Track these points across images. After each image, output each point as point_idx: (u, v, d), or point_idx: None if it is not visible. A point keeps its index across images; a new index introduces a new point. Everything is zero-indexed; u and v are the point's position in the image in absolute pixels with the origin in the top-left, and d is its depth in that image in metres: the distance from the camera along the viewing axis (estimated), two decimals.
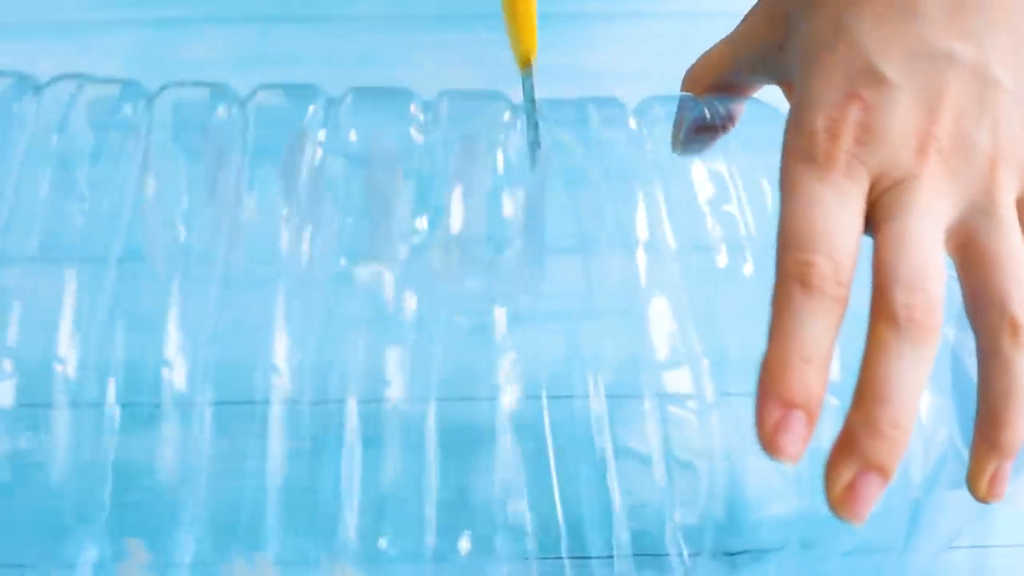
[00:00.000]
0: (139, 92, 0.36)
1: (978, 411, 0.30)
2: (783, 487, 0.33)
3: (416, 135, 0.35)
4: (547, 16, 0.44)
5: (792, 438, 0.28)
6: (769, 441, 0.28)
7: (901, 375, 0.28)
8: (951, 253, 0.30)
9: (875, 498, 0.28)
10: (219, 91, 0.36)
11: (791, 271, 0.29)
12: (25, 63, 0.40)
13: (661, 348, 0.32)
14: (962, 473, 0.31)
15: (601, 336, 0.33)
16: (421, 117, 0.35)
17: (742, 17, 0.37)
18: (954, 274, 0.31)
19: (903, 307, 0.28)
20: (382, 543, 0.32)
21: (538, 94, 0.39)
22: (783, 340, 0.28)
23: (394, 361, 0.32)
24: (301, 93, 0.36)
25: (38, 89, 0.35)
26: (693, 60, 0.39)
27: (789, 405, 0.28)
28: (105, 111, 0.35)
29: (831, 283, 0.28)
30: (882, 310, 0.28)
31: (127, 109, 0.35)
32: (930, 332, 0.28)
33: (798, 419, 0.28)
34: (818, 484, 0.28)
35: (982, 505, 0.31)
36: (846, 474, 0.28)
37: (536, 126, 0.35)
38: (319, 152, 0.34)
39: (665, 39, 0.48)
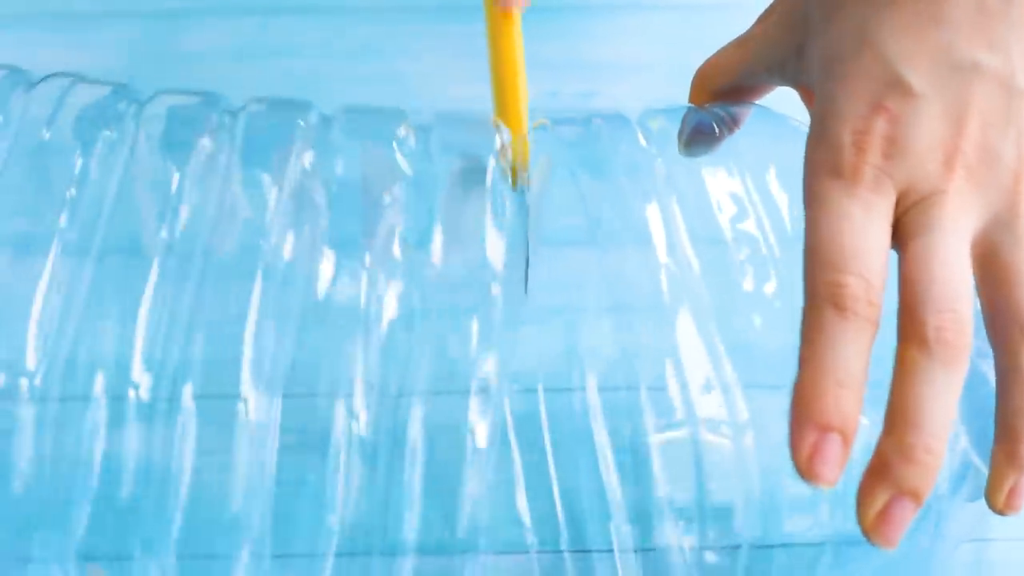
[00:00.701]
0: (130, 95, 0.35)
1: (997, 425, 0.30)
2: (814, 506, 0.33)
3: (404, 164, 0.34)
4: (550, 9, 0.44)
5: (828, 463, 0.27)
6: (806, 467, 0.27)
7: (934, 399, 0.28)
8: (972, 266, 0.30)
9: (908, 522, 0.28)
10: (211, 99, 0.35)
11: (822, 292, 0.28)
12: (24, 55, 0.40)
13: (693, 373, 0.32)
14: (980, 484, 0.31)
15: (600, 330, 0.33)
16: (412, 141, 0.35)
17: (749, 13, 0.36)
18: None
19: (933, 329, 0.28)
20: (378, 538, 0.32)
21: (541, 87, 0.39)
22: (817, 364, 0.28)
23: (388, 356, 0.32)
24: (292, 107, 0.36)
25: (31, 85, 0.35)
26: (696, 52, 0.38)
27: (825, 430, 0.27)
28: (95, 111, 0.35)
29: (863, 304, 0.28)
30: (912, 332, 0.28)
31: (117, 109, 0.35)
32: (961, 353, 0.28)
33: (834, 443, 0.27)
34: (849, 502, 0.28)
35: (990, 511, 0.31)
36: (879, 500, 0.28)
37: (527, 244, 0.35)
38: (305, 172, 0.34)
39: (668, 31, 0.48)
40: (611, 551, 0.32)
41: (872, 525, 0.28)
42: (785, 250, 0.33)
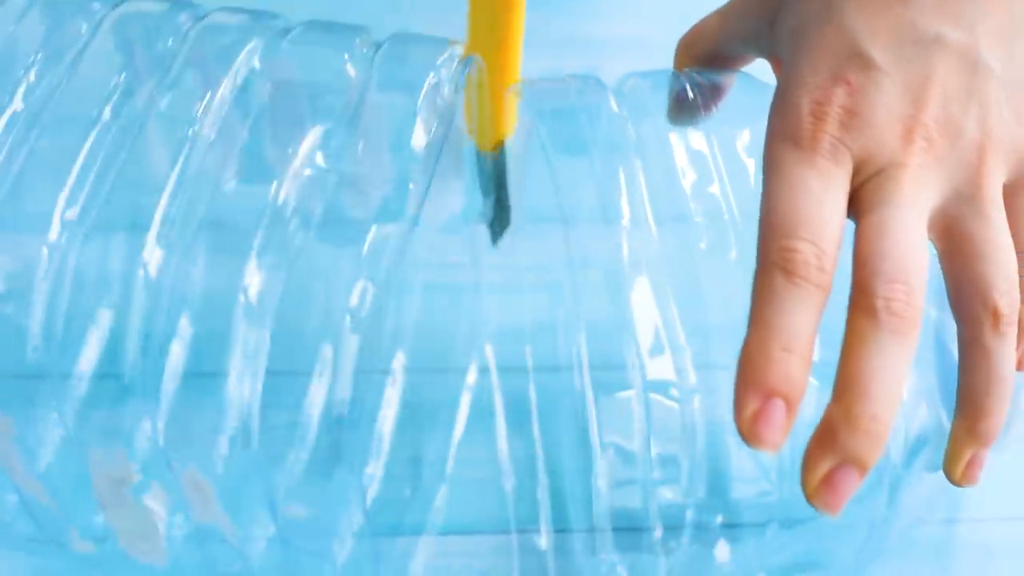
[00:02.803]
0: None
1: (958, 399, 0.30)
2: (762, 471, 0.33)
3: (352, 74, 0.34)
4: None
5: (772, 428, 0.27)
6: (749, 431, 0.28)
7: (882, 369, 0.28)
8: (934, 240, 0.30)
9: (852, 490, 0.28)
10: (180, 5, 0.35)
11: (774, 258, 0.28)
12: None
13: (644, 335, 0.32)
14: (938, 454, 0.32)
15: (583, 307, 0.33)
16: (366, 52, 0.34)
17: None
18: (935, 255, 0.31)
19: (883, 299, 0.28)
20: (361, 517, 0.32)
21: (542, 64, 0.38)
22: (764, 329, 0.28)
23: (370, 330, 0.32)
24: (256, 16, 0.35)
25: None
26: None
27: (770, 395, 0.27)
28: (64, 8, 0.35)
29: (814, 270, 0.28)
30: (862, 303, 0.28)
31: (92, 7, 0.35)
32: (910, 325, 0.28)
33: (778, 408, 0.27)
34: (798, 467, 0.28)
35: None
36: (823, 467, 0.28)
37: (507, 208, 0.34)
38: (252, 71, 0.34)
39: (669, 7, 0.47)
40: (592, 531, 0.33)
41: (815, 491, 0.28)
42: (747, 218, 0.34)
